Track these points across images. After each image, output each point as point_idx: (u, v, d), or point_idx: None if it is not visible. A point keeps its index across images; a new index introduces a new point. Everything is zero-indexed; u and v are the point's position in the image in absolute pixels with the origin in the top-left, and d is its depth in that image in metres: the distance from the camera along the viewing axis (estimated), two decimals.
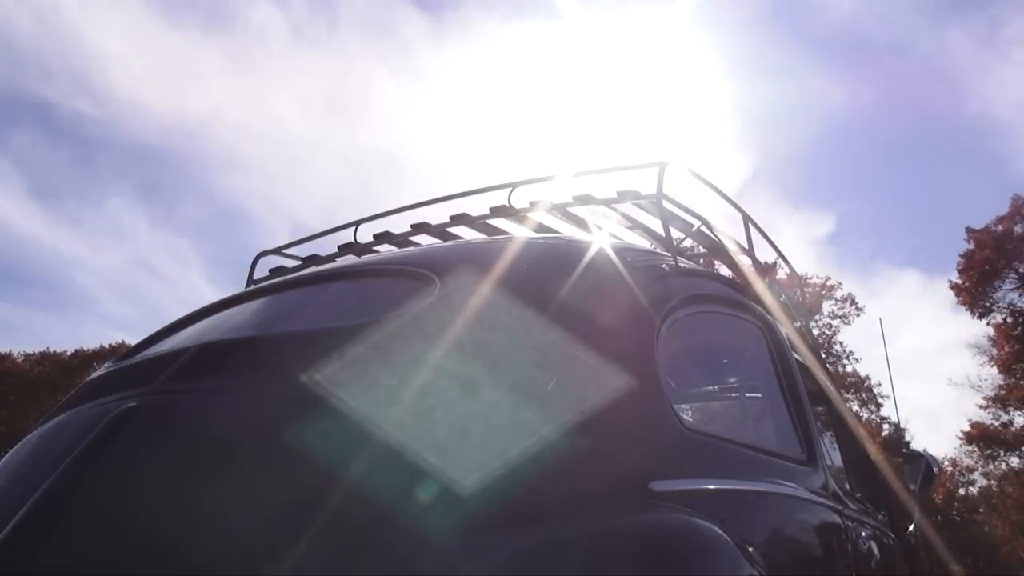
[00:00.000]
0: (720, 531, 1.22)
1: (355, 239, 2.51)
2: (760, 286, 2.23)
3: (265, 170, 43.47)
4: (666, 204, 1.95)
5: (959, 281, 23.58)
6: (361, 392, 1.14)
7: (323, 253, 2.57)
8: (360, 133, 45.21)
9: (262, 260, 2.52)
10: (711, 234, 2.27)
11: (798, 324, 2.78)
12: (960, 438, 23.54)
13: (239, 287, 2.28)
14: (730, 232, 2.32)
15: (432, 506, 1.01)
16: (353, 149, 44.68)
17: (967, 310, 23.47)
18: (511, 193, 2.28)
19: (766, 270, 2.36)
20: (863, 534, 2.15)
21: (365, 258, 2.25)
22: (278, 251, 2.57)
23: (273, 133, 43.47)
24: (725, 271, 2.47)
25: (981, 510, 23.65)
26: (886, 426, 23.08)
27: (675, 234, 2.14)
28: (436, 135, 44.68)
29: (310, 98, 43.67)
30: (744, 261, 2.31)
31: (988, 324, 23.33)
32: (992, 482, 23.71)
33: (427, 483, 1.03)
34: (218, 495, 1.05)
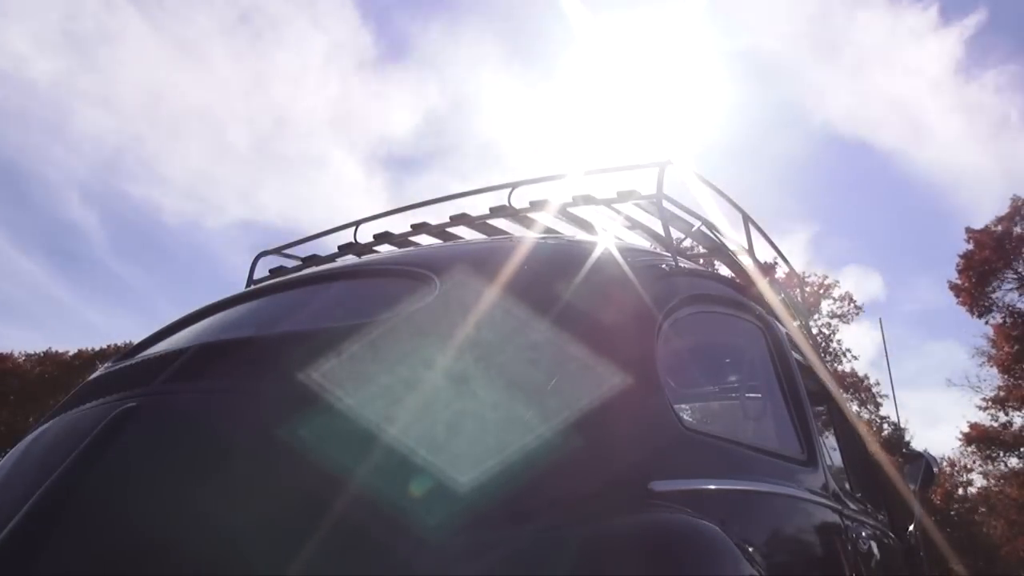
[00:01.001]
0: (720, 531, 1.22)
1: (355, 239, 2.51)
2: (760, 286, 2.23)
3: (22, 119, 37.12)
4: (666, 204, 1.95)
5: (958, 281, 23.59)
6: (361, 392, 1.14)
7: (323, 253, 2.57)
8: (114, 74, 38.25)
9: (262, 260, 2.52)
10: (711, 234, 2.27)
11: (798, 323, 2.78)
12: (959, 439, 23.56)
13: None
14: (730, 232, 2.33)
15: (432, 505, 1.01)
16: (111, 92, 38.45)
17: (967, 310, 23.50)
18: (511, 193, 2.29)
19: (766, 270, 2.36)
20: (863, 534, 2.15)
21: (365, 258, 2.26)
22: (278, 251, 2.58)
23: (14, 74, 36.03)
24: (725, 271, 2.47)
25: (982, 510, 23.65)
26: (886, 426, 23.09)
27: (675, 234, 2.14)
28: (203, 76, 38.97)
29: (45, 32, 36.54)
30: (744, 261, 2.32)
31: (987, 324, 23.38)
32: (991, 482, 23.72)
33: (428, 482, 1.03)
34: (218, 495, 1.05)
